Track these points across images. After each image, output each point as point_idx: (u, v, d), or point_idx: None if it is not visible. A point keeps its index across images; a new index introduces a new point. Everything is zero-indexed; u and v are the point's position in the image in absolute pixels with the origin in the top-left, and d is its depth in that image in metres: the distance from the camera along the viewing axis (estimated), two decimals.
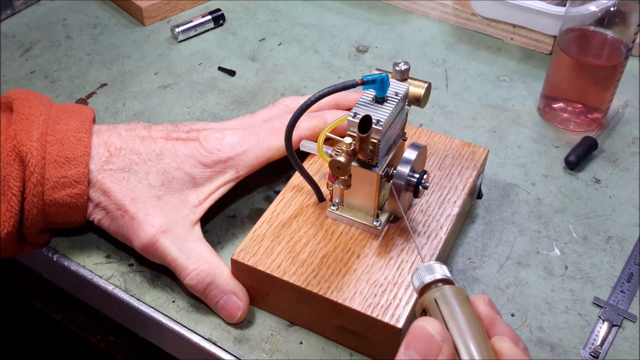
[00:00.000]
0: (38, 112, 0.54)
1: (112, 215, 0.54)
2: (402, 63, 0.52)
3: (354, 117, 0.50)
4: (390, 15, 0.87)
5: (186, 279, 0.53)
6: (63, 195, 0.53)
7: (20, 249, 0.56)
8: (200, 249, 0.54)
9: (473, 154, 0.61)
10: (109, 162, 0.55)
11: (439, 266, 0.42)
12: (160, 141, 0.56)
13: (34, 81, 0.75)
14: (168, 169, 0.55)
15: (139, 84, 0.76)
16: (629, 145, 0.70)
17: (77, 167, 0.53)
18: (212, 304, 0.53)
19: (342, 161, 0.50)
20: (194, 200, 0.56)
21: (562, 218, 0.62)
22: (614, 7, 0.64)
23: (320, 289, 0.50)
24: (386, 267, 0.52)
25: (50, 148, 0.53)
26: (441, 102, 0.74)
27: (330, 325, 0.51)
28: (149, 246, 0.53)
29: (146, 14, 0.84)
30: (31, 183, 0.52)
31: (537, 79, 0.77)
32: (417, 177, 0.52)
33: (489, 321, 0.40)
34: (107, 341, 0.69)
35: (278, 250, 0.53)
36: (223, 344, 0.52)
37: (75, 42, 0.81)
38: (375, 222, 0.54)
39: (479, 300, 0.41)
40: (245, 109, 0.73)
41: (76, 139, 0.54)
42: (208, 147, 0.56)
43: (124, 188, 0.54)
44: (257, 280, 0.52)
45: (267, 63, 0.79)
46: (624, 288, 0.56)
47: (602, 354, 0.52)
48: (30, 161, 0.52)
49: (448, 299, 0.40)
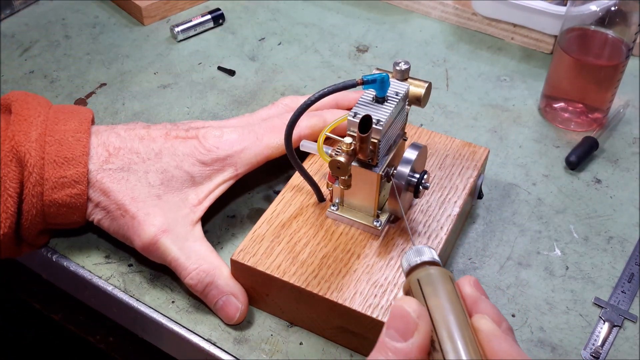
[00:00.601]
0: (36, 113, 0.54)
1: (112, 215, 0.54)
2: (403, 63, 0.52)
3: (354, 117, 0.50)
4: (390, 14, 0.87)
5: (186, 279, 0.53)
6: (62, 195, 0.53)
7: (18, 250, 0.56)
8: (201, 248, 0.54)
9: (474, 154, 0.60)
10: (108, 161, 0.54)
11: (427, 249, 0.42)
12: (160, 140, 0.56)
13: (33, 81, 0.75)
14: (167, 168, 0.55)
15: (138, 84, 0.75)
16: (630, 145, 0.69)
17: (76, 167, 0.53)
18: (211, 304, 0.53)
19: (342, 161, 0.50)
20: (193, 199, 0.56)
21: (563, 218, 0.62)
22: (615, 6, 0.64)
23: (320, 289, 0.50)
24: (386, 268, 0.52)
25: (49, 148, 0.53)
26: (442, 102, 0.74)
27: (330, 326, 0.51)
28: (150, 246, 0.53)
29: (145, 13, 0.83)
30: (30, 184, 0.52)
31: (537, 78, 0.77)
32: (417, 177, 0.51)
33: (472, 300, 0.41)
34: (106, 341, 0.69)
35: (278, 250, 0.52)
36: (223, 345, 0.52)
37: (74, 42, 0.81)
38: (375, 222, 0.54)
39: (464, 281, 0.42)
40: (245, 108, 0.73)
41: (75, 139, 0.54)
42: (207, 145, 0.56)
43: (124, 187, 0.54)
44: (256, 280, 0.52)
45: (267, 63, 0.79)
46: (625, 288, 0.56)
47: (603, 354, 0.52)
48: (29, 162, 0.52)
49: (431, 279, 0.40)
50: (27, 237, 0.55)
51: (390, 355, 0.37)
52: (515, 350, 0.38)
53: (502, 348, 0.38)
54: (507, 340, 0.38)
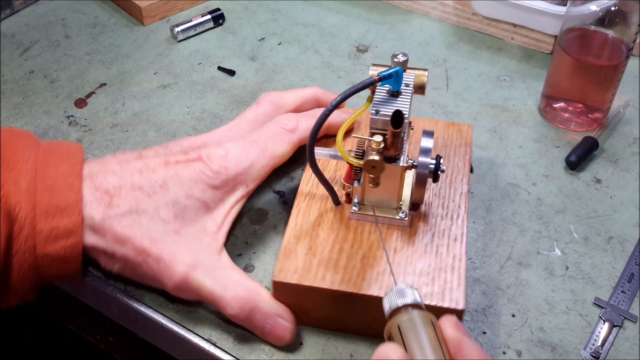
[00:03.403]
0: (25, 158, 0.50)
1: (133, 263, 0.51)
2: (400, 54, 0.53)
3: (376, 115, 0.50)
4: (390, 14, 0.87)
5: (227, 310, 0.50)
6: (56, 247, 0.49)
7: (7, 301, 0.51)
8: (234, 275, 0.51)
9: (460, 132, 0.62)
10: (111, 205, 0.50)
11: (409, 290, 0.43)
12: (160, 170, 0.52)
13: (33, 81, 0.75)
14: (178, 199, 0.52)
15: (138, 84, 0.75)
16: (630, 145, 0.69)
17: (70, 216, 0.49)
18: (258, 330, 0.51)
19: (378, 160, 0.49)
20: (212, 226, 0.53)
21: (563, 218, 0.62)
22: (615, 6, 0.64)
23: (375, 291, 0.49)
24: (425, 255, 0.52)
25: (40, 197, 0.48)
26: (442, 102, 0.74)
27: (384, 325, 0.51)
28: (182, 285, 0.50)
29: (145, 13, 0.83)
30: (21, 238, 0.47)
31: (537, 78, 0.77)
32: (434, 163, 0.52)
33: (455, 343, 0.41)
34: (107, 341, 0.69)
35: (316, 262, 0.51)
36: (223, 345, 0.52)
37: (74, 42, 0.81)
38: (400, 213, 0.54)
39: (445, 323, 0.42)
40: (245, 108, 0.72)
41: (67, 185, 0.49)
42: (214, 167, 0.53)
43: (138, 231, 0.50)
44: (302, 296, 0.51)
45: (267, 63, 0.79)
46: (625, 288, 0.56)
47: (603, 354, 0.52)
48: (20, 214, 0.47)
49: (412, 324, 0.41)
50: (17, 291, 0.50)
51: None
52: None
53: None
54: None
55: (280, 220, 0.60)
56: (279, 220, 0.60)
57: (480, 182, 0.65)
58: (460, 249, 0.53)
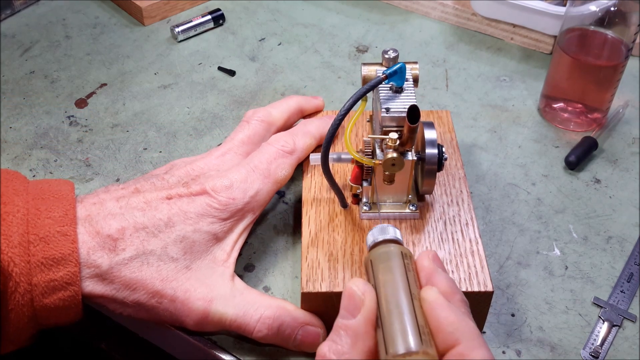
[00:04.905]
0: (15, 209, 0.47)
1: (147, 306, 0.49)
2: (391, 51, 0.54)
3: (388, 113, 0.51)
4: (390, 15, 0.87)
5: (254, 334, 0.49)
6: (54, 299, 0.47)
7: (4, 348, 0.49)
8: (251, 297, 0.50)
9: (441, 119, 0.64)
10: (116, 250, 0.48)
11: (392, 229, 0.45)
12: (163, 207, 0.50)
13: (33, 81, 0.75)
14: (185, 235, 0.50)
15: (138, 84, 0.76)
16: (629, 145, 0.70)
17: (67, 267, 0.46)
18: (290, 343, 0.50)
19: (397, 157, 0.50)
20: (221, 255, 0.52)
21: (562, 218, 0.62)
22: (614, 6, 0.64)
23: None
24: (443, 243, 0.53)
25: (34, 249, 0.46)
26: (441, 102, 0.74)
27: None
28: (203, 320, 0.49)
29: (146, 13, 0.83)
30: (18, 294, 0.45)
31: (537, 78, 0.77)
32: (438, 153, 0.53)
33: (428, 273, 0.42)
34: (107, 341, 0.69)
35: (340, 267, 0.51)
36: (223, 345, 0.52)
37: (74, 42, 0.81)
38: (411, 206, 0.55)
39: (423, 255, 0.43)
40: (245, 108, 0.73)
41: (61, 234, 0.47)
42: (221, 199, 0.51)
43: (148, 273, 0.48)
44: (330, 304, 0.50)
45: (267, 63, 0.79)
46: (624, 288, 0.56)
47: (602, 354, 0.52)
48: (14, 271, 0.45)
49: (385, 256, 0.43)
50: (16, 341, 0.48)
51: (342, 333, 0.40)
52: (458, 317, 0.39)
53: (444, 316, 0.39)
54: (451, 309, 0.39)
55: (280, 220, 0.60)
56: (279, 220, 0.60)
57: (480, 182, 0.65)
58: (474, 232, 0.53)
